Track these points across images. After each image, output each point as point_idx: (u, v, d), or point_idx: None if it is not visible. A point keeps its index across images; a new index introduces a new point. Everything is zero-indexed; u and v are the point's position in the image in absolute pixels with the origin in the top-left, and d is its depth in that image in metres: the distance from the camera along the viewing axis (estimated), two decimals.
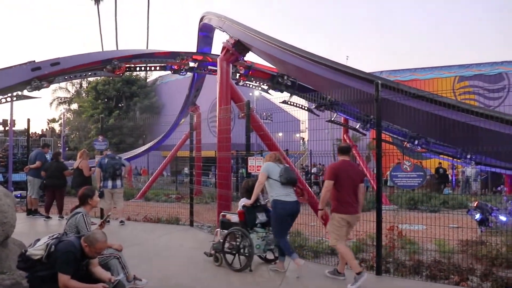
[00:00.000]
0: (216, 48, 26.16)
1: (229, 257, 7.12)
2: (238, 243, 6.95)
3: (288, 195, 6.63)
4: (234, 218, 7.18)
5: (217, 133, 10.40)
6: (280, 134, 16.63)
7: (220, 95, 10.38)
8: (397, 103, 6.82)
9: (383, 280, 6.65)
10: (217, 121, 10.42)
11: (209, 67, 17.41)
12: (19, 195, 15.37)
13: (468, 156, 16.56)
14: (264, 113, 21.14)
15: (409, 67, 35.23)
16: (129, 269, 5.66)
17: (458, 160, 18.70)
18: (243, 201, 7.11)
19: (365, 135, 18.79)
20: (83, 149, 12.54)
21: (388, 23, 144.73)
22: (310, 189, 12.11)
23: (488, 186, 21.51)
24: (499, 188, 20.19)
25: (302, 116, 18.95)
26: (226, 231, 7.17)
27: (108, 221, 10.54)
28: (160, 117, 43.26)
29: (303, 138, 30.91)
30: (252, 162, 8.58)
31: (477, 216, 11.25)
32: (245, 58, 14.72)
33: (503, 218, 10.36)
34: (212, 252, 7.39)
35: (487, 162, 16.59)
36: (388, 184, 14.16)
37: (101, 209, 11.67)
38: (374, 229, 6.94)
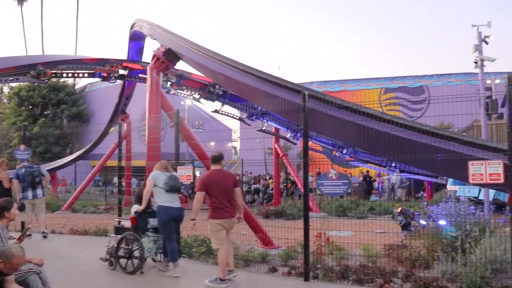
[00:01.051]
0: (148, 56, 25.72)
1: (123, 261, 7.41)
2: (130, 247, 7.34)
3: (171, 201, 7.15)
4: (127, 223, 7.65)
5: (146, 142, 10.21)
6: (212, 143, 16.62)
7: (150, 103, 10.21)
8: (323, 113, 7.04)
9: (310, 285, 6.79)
10: (146, 130, 10.24)
11: (140, 75, 17.11)
12: None
13: (393, 165, 17.43)
14: (196, 122, 21.09)
15: (339, 78, 36.50)
16: (51, 285, 5.38)
17: (384, 168, 19.63)
18: (135, 207, 7.48)
19: (295, 144, 19.18)
20: (2, 159, 11.78)
21: (320, 35, 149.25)
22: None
23: (411, 192, 22.61)
24: (419, 194, 21.29)
25: (234, 125, 19.11)
26: (119, 236, 7.53)
27: (29, 235, 10.00)
28: (89, 125, 41.80)
29: (235, 147, 31.06)
30: (181, 171, 8.50)
31: (401, 221, 11.80)
32: (178, 67, 14.63)
33: (423, 222, 10.91)
34: (107, 256, 7.69)
35: (410, 170, 17.54)
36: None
37: (22, 223, 11.01)
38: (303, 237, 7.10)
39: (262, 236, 10.41)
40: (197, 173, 26.48)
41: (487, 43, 16.49)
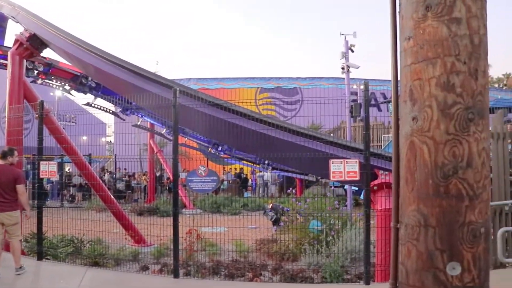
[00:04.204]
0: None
1: None
2: None
3: None
4: None
5: (6, 134, 9.34)
6: (85, 137, 15.73)
7: (11, 93, 9.35)
8: (195, 110, 7.02)
9: (179, 282, 6.72)
10: (6, 122, 9.37)
11: (1, 60, 15.48)
12: None
13: (266, 162, 18.02)
14: (67, 115, 19.83)
15: (217, 76, 36.79)
16: None
17: (258, 166, 20.22)
18: None
19: (171, 140, 18.89)
20: None
21: (201, 32, 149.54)
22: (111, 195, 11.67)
23: (283, 189, 23.57)
24: (288, 191, 22.26)
25: (109, 119, 18.28)
26: None
27: None
28: None
29: (110, 142, 29.79)
30: (44, 167, 7.91)
31: (271, 216, 12.28)
32: (47, 55, 13.56)
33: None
34: None
35: (282, 167, 18.29)
36: None
37: None
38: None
39: (133, 234, 10.17)
40: (67, 169, 24.97)
41: (353, 51, 17.87)
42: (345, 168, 6.27)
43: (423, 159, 2.13)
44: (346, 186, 17.03)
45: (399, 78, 2.43)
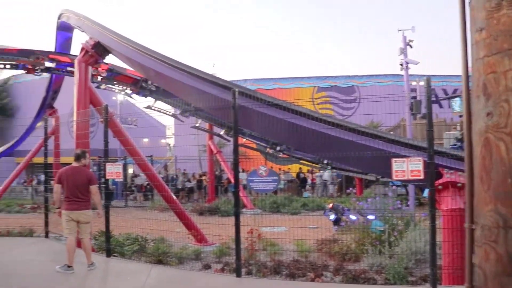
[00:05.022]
0: (78, 49, 24.64)
1: None
2: None
3: None
4: None
5: (74, 138, 9.82)
6: (146, 139, 16.28)
7: (78, 98, 9.83)
8: (254, 110, 7.06)
9: (241, 281, 6.78)
10: (74, 126, 9.84)
11: (68, 68, 16.33)
12: None
13: (325, 162, 17.84)
14: (129, 118, 20.54)
15: (273, 76, 36.83)
16: None
17: (317, 165, 20.06)
18: None
19: (229, 141, 19.15)
20: None
21: (257, 34, 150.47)
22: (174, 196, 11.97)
23: (343, 188, 23.27)
24: (348, 191, 21.93)
25: (168, 121, 18.80)
26: None
27: None
28: (14, 120, 39.55)
29: (169, 144, 30.56)
30: (110, 168, 8.25)
31: (332, 216, 12.16)
32: (109, 61, 14.16)
33: (353, 217, 11.30)
34: None
35: (342, 167, 18.04)
36: None
37: None
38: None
39: (195, 233, 10.37)
40: (130, 170, 25.92)
41: (411, 46, 17.34)
42: (408, 167, 6.10)
43: (500, 157, 2.00)
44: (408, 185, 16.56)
45: (470, 72, 2.31)
